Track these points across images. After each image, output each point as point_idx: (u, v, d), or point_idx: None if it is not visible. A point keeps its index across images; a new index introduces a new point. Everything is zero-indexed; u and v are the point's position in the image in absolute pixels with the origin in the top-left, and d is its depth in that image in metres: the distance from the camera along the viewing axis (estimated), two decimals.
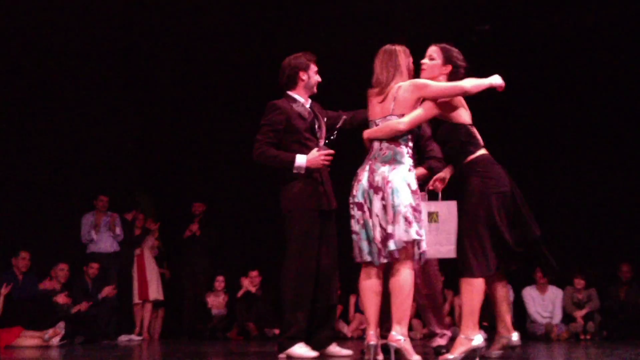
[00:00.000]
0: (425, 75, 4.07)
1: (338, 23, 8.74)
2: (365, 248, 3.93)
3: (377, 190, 3.85)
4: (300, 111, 4.53)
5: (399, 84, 3.97)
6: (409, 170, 3.88)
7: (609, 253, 8.79)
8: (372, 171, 3.91)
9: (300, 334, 4.39)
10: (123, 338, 8.49)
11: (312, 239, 4.43)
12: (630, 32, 8.66)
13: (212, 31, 8.93)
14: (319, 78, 4.66)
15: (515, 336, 4.22)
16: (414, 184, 3.86)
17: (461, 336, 3.98)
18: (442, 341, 4.84)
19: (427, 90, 3.94)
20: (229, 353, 5.77)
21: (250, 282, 9.08)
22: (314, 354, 4.38)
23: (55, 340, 7.45)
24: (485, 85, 4.04)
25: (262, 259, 9.36)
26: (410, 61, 4.07)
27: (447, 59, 4.07)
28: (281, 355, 4.41)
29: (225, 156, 9.93)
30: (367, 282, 3.96)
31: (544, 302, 8.61)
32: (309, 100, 4.66)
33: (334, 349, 4.63)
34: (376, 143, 3.96)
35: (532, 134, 9.22)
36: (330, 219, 4.54)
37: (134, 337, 8.68)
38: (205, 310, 9.08)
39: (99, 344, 7.64)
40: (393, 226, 3.78)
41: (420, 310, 5.04)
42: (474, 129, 4.08)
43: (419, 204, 3.85)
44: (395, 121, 3.90)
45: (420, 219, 3.85)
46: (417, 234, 3.80)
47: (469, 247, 3.90)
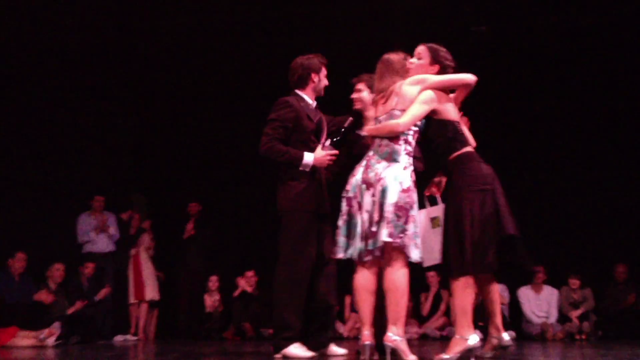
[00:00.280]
0: (412, 74, 4.09)
1: (335, 23, 8.75)
2: (342, 244, 3.94)
3: (369, 186, 3.87)
4: (308, 112, 4.55)
5: (401, 82, 4.01)
6: (404, 168, 3.89)
7: (605, 253, 8.81)
8: (367, 167, 3.93)
9: (296, 334, 4.39)
10: (118, 338, 8.49)
11: (308, 240, 4.43)
12: (627, 33, 8.68)
13: (207, 32, 8.93)
14: (327, 82, 4.69)
15: (506, 336, 4.23)
16: (407, 182, 3.86)
17: (456, 336, 3.98)
18: None
19: (428, 81, 3.97)
20: (225, 353, 5.76)
21: (247, 282, 9.09)
22: (310, 354, 4.38)
23: (51, 341, 7.44)
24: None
25: (258, 259, 9.36)
26: (407, 62, 4.10)
27: (434, 59, 4.10)
28: (277, 355, 4.41)
29: (220, 156, 9.95)
30: (362, 282, 3.96)
31: (539, 302, 8.63)
32: (315, 102, 4.68)
33: (332, 349, 4.64)
34: (377, 140, 4.01)
35: (528, 134, 9.24)
36: (326, 221, 4.55)
37: (130, 337, 8.67)
38: (200, 310, 9.07)
39: (94, 344, 7.62)
40: (378, 225, 3.79)
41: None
42: (461, 126, 4.10)
43: (408, 202, 3.84)
44: (394, 122, 3.92)
45: (406, 217, 3.82)
46: (389, 236, 3.76)
47: (455, 245, 3.90)
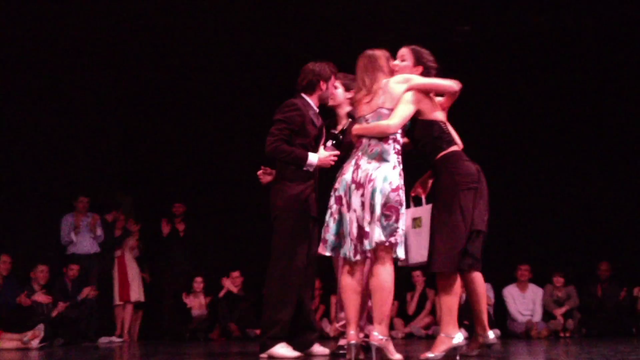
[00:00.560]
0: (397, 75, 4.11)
1: (319, 23, 8.75)
2: (331, 242, 3.94)
3: (358, 186, 3.86)
4: (313, 117, 4.57)
5: (387, 79, 4.00)
6: (393, 167, 3.90)
7: (588, 251, 8.88)
8: (357, 167, 3.92)
9: (283, 334, 4.39)
10: (103, 340, 8.44)
11: (301, 241, 4.44)
12: (610, 33, 8.76)
13: (193, 33, 8.90)
14: (333, 92, 4.71)
15: (491, 334, 4.25)
16: (396, 181, 3.87)
17: (442, 334, 4.00)
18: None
19: (414, 81, 3.99)
20: (210, 354, 5.75)
21: (232, 283, 9.07)
22: (296, 354, 4.38)
23: (35, 343, 7.37)
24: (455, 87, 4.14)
25: (244, 259, 9.35)
26: (391, 64, 4.10)
27: (417, 60, 4.13)
28: (262, 355, 4.41)
29: (205, 157, 9.91)
30: (348, 281, 3.96)
31: (524, 300, 8.67)
32: (317, 109, 4.70)
33: (317, 348, 4.65)
34: (365, 139, 3.98)
35: (511, 133, 9.29)
36: (316, 224, 4.56)
37: (115, 338, 8.62)
38: (185, 311, 9.04)
39: (79, 346, 7.58)
40: (370, 226, 3.80)
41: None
42: (447, 126, 4.12)
43: (398, 200, 3.85)
44: (385, 124, 3.91)
45: (397, 215, 3.84)
46: (384, 234, 3.79)
47: (441, 244, 3.92)
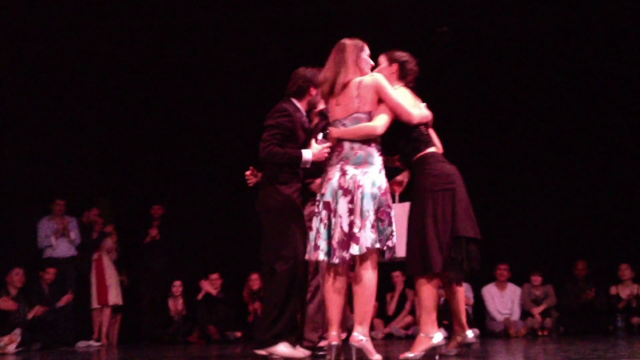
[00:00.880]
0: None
1: (298, 24, 8.75)
2: (324, 247, 3.93)
3: (346, 192, 3.85)
4: (302, 123, 4.59)
5: (360, 79, 3.97)
6: (379, 171, 3.90)
7: (565, 250, 8.96)
8: (343, 173, 3.90)
9: (285, 333, 4.39)
10: (81, 344, 8.35)
11: (298, 240, 4.42)
12: (587, 34, 8.86)
13: (169, 35, 8.87)
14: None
15: (470, 333, 4.28)
16: (384, 185, 3.88)
17: (421, 334, 4.02)
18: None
19: (383, 95, 3.97)
20: (189, 357, 5.72)
21: (211, 285, 9.02)
22: (304, 352, 4.40)
23: (12, 348, 7.30)
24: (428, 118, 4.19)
25: (223, 261, 9.32)
26: (361, 54, 4.05)
27: (391, 59, 4.21)
28: (260, 351, 4.39)
29: (183, 159, 9.86)
30: (332, 283, 3.96)
31: (503, 299, 8.73)
32: (305, 114, 4.72)
33: (298, 349, 4.64)
34: (347, 143, 3.96)
35: (489, 134, 9.35)
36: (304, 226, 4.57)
37: (93, 343, 8.54)
38: (164, 314, 8.99)
39: (56, 351, 7.51)
40: (360, 231, 3.78)
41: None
42: (427, 128, 4.14)
43: (388, 204, 3.86)
44: (371, 125, 3.90)
45: (389, 218, 3.84)
46: (379, 239, 3.80)
47: (418, 245, 3.94)
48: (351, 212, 3.81)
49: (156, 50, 9.17)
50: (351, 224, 3.80)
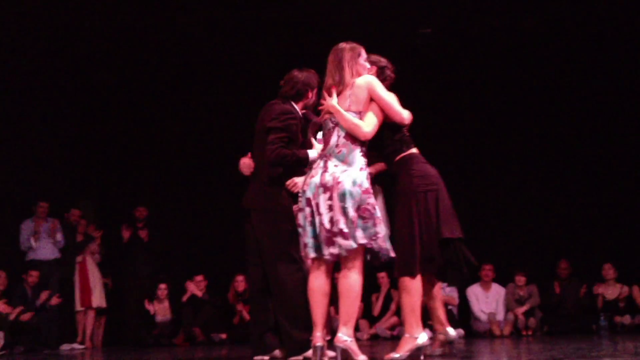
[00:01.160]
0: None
1: (280, 25, 8.75)
2: (312, 244, 3.93)
3: (326, 189, 3.84)
4: (303, 125, 4.58)
5: (354, 80, 3.99)
6: (360, 169, 3.89)
7: (548, 250, 9.02)
8: (325, 169, 3.90)
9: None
10: (65, 347, 8.30)
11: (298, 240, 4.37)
12: (570, 33, 8.93)
13: (149, 34, 8.84)
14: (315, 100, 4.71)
15: (451, 330, 4.30)
16: (366, 183, 3.87)
17: (406, 335, 4.02)
18: None
19: (376, 96, 3.98)
20: (175, 359, 5.70)
21: (196, 287, 8.99)
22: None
23: None
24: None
25: (207, 263, 9.28)
26: (359, 60, 4.04)
27: (370, 62, 4.16)
28: (296, 357, 4.32)
29: (167, 160, 9.82)
30: (316, 283, 3.94)
31: (487, 299, 8.76)
32: None
33: (278, 352, 4.61)
34: (333, 137, 3.95)
35: (472, 135, 9.39)
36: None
37: (77, 345, 8.48)
38: (149, 317, 8.94)
39: (40, 354, 7.46)
40: (349, 227, 3.77)
41: None
42: (407, 130, 4.17)
43: (370, 202, 3.85)
44: (361, 127, 3.89)
45: (371, 217, 3.84)
46: (364, 236, 3.81)
47: (403, 246, 3.95)
48: (330, 208, 3.81)
49: (139, 52, 9.14)
50: (332, 221, 3.79)
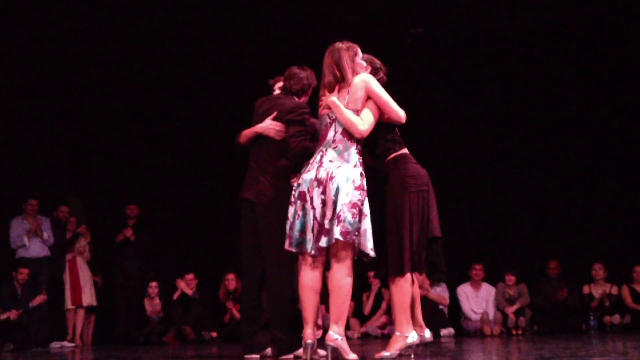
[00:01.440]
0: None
1: (272, 24, 8.75)
2: (296, 239, 3.93)
3: (319, 183, 3.86)
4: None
5: (354, 78, 4.00)
6: (354, 166, 3.90)
7: (538, 250, 9.06)
8: (320, 163, 3.91)
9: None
10: (55, 345, 8.28)
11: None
12: (562, 35, 8.96)
13: (140, 32, 8.83)
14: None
15: (428, 333, 4.36)
16: (358, 180, 3.88)
17: (396, 333, 4.04)
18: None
19: (373, 94, 4.00)
20: (165, 358, 5.69)
21: (187, 285, 8.98)
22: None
23: None
24: None
25: (198, 261, 9.27)
26: (356, 59, 4.06)
27: (365, 61, 4.17)
28: (287, 356, 4.34)
29: (157, 158, 9.80)
30: (307, 280, 3.95)
31: (477, 299, 8.79)
32: None
33: (269, 350, 4.61)
34: (330, 132, 3.96)
35: (462, 135, 9.42)
36: None
37: (66, 343, 8.47)
38: (140, 315, 8.92)
39: (29, 352, 7.42)
40: (331, 223, 3.80)
41: None
42: (399, 130, 4.18)
43: (361, 200, 3.86)
44: (358, 125, 3.90)
45: (360, 214, 3.85)
46: (343, 234, 3.77)
47: (394, 245, 3.97)
48: (324, 203, 3.82)
49: (128, 49, 9.12)
50: (323, 216, 3.80)
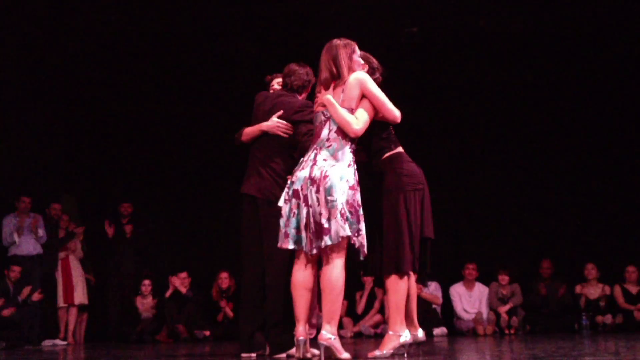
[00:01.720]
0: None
1: (267, 23, 8.74)
2: (293, 235, 3.92)
3: (313, 182, 3.85)
4: None
5: (350, 76, 3.99)
6: (348, 165, 3.90)
7: (531, 249, 9.08)
8: (314, 162, 3.91)
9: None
10: (47, 343, 8.26)
11: None
12: (557, 36, 8.98)
13: (134, 30, 8.81)
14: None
15: (421, 332, 4.36)
16: (352, 179, 3.87)
17: (390, 332, 4.04)
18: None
19: (369, 93, 3.99)
20: (158, 356, 5.67)
21: (180, 283, 8.96)
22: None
23: None
24: None
25: (191, 260, 9.26)
26: (353, 56, 4.03)
27: (363, 59, 4.15)
28: (280, 355, 4.33)
29: (151, 155, 9.78)
30: (299, 278, 3.94)
31: (471, 298, 8.81)
32: None
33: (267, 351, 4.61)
34: (325, 130, 3.95)
35: (455, 134, 9.44)
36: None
37: (59, 341, 8.45)
38: (132, 313, 8.90)
39: (21, 350, 7.39)
40: (329, 222, 3.79)
41: None
42: (393, 129, 4.18)
43: (356, 199, 3.86)
44: (353, 124, 3.89)
45: (357, 214, 3.85)
46: (350, 230, 3.81)
47: (390, 244, 3.97)
48: (319, 202, 3.82)
49: (122, 48, 9.10)
50: (320, 215, 3.80)
